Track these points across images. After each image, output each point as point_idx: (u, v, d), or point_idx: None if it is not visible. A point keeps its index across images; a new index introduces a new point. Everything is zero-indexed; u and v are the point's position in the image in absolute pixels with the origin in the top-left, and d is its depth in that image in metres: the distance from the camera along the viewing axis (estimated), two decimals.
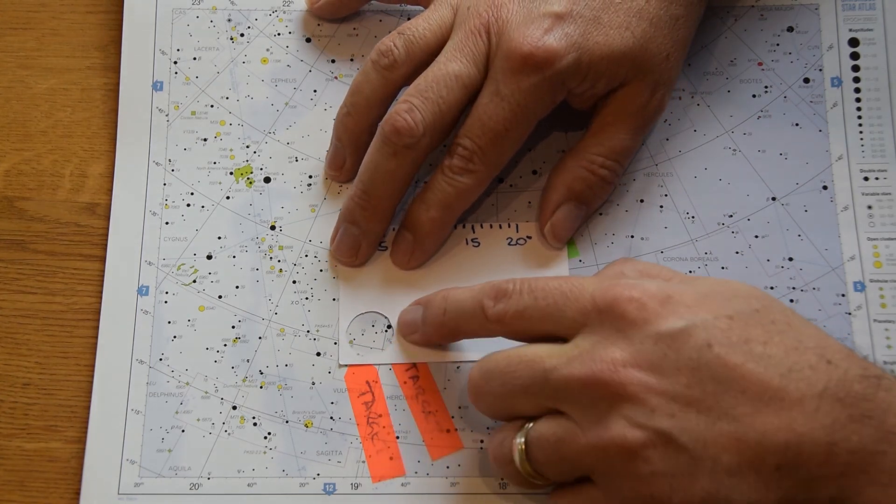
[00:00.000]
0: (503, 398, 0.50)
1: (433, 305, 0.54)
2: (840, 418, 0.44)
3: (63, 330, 0.57)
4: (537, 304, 0.49)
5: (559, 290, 0.49)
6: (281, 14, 0.63)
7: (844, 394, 0.44)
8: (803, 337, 0.46)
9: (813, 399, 0.44)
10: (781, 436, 0.44)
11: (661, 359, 0.45)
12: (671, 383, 0.45)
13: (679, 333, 0.46)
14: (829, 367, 0.45)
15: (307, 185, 0.60)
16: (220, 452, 0.55)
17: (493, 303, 0.50)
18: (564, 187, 0.57)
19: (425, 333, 0.55)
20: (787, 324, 0.46)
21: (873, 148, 0.60)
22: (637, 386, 0.45)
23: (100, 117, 0.62)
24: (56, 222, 0.60)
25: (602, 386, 0.46)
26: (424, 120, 0.54)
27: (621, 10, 0.55)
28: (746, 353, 0.45)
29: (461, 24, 0.56)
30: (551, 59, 0.53)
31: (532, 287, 0.50)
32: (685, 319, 0.46)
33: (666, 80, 0.56)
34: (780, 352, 0.45)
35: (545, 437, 0.48)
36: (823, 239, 0.58)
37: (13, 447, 0.55)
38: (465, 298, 0.52)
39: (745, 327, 0.46)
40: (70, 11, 0.64)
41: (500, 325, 0.51)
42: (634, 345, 0.46)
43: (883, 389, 0.44)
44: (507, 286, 0.50)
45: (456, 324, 0.53)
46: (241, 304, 0.57)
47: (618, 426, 0.45)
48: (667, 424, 0.45)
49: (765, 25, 0.62)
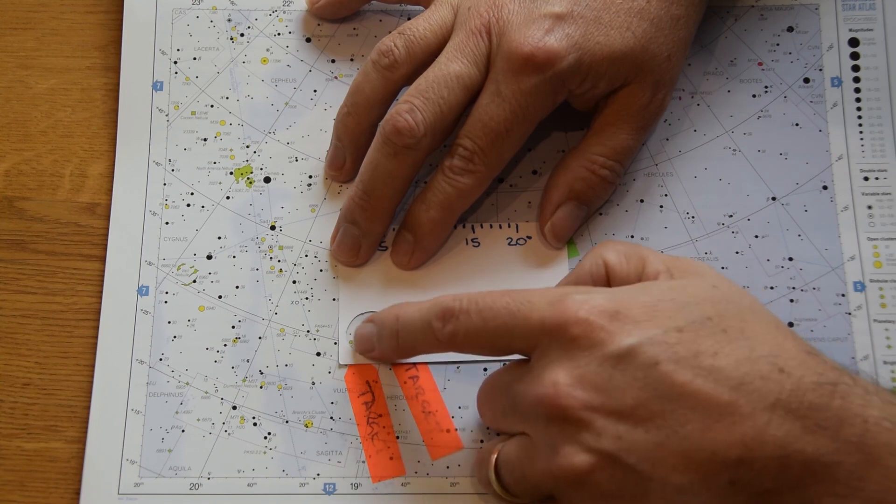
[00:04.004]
0: (496, 421, 0.51)
1: (386, 326, 0.53)
2: (793, 430, 0.43)
3: (63, 330, 0.57)
4: (486, 325, 0.48)
5: (507, 309, 0.48)
6: (281, 14, 0.63)
7: (797, 404, 0.43)
8: (756, 344, 0.45)
9: (764, 412, 0.43)
10: (733, 451, 0.43)
11: (607, 380, 0.45)
12: (617, 404, 0.45)
13: (625, 353, 0.45)
14: (781, 377, 0.44)
15: (307, 185, 0.60)
16: (220, 452, 0.55)
17: (442, 324, 0.50)
18: (565, 187, 0.57)
19: (381, 353, 0.55)
20: (739, 331, 0.45)
21: (873, 148, 0.60)
22: (581, 409, 0.45)
23: (100, 117, 0.62)
24: (56, 222, 0.60)
25: (550, 409, 0.45)
26: (425, 120, 0.54)
27: (622, 10, 0.55)
28: (695, 368, 0.44)
29: (462, 24, 0.56)
30: (552, 60, 0.53)
31: (480, 307, 0.49)
32: (633, 337, 0.45)
33: (667, 81, 0.56)
34: (730, 363, 0.44)
35: (510, 459, 0.48)
36: (823, 239, 0.58)
37: (13, 447, 0.55)
38: (415, 319, 0.51)
39: (695, 339, 0.45)
40: (70, 11, 0.64)
41: (452, 346, 0.50)
42: (580, 367, 0.45)
43: (838, 397, 0.43)
44: (454, 305, 0.49)
45: (410, 344, 0.52)
46: (241, 304, 0.57)
47: (565, 451, 0.45)
48: (613, 447, 0.44)
49: (765, 25, 0.62)
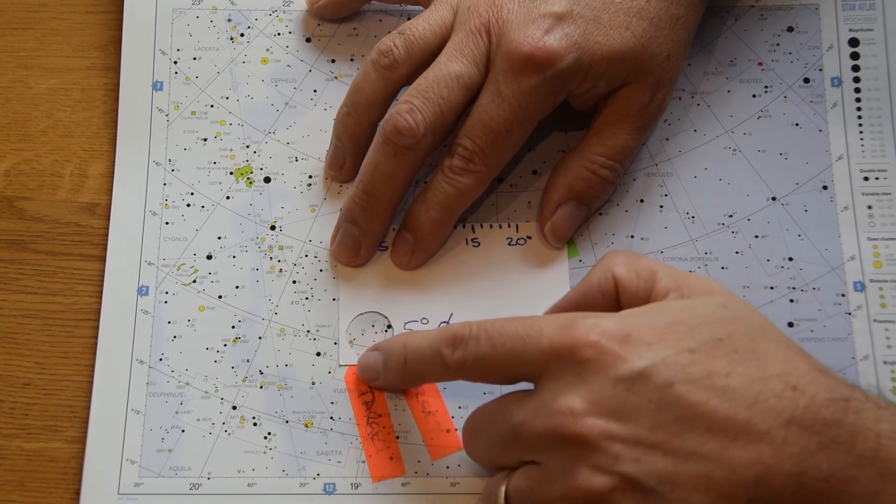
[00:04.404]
0: (487, 453, 0.50)
1: (394, 354, 0.53)
2: (809, 447, 0.43)
3: (63, 330, 0.57)
4: (496, 351, 0.48)
5: (516, 334, 0.48)
6: (281, 14, 0.63)
7: (812, 421, 0.43)
8: (767, 363, 0.45)
9: (780, 429, 0.43)
10: (751, 470, 0.43)
11: (622, 404, 0.45)
12: (633, 428, 0.44)
13: (639, 375, 0.45)
14: (794, 394, 0.44)
15: (307, 185, 0.60)
16: (220, 452, 0.55)
17: (451, 350, 0.49)
18: (565, 187, 0.57)
19: (387, 380, 0.54)
20: (750, 351, 0.45)
21: (873, 148, 0.60)
22: (598, 435, 0.44)
23: (100, 117, 0.62)
24: (56, 222, 0.59)
25: (564, 437, 0.45)
26: (425, 120, 0.54)
27: (621, 10, 0.55)
28: (709, 389, 0.44)
29: (462, 24, 0.56)
30: (552, 60, 0.53)
31: (489, 332, 0.48)
32: (645, 359, 0.45)
33: (667, 80, 0.56)
34: (743, 383, 0.44)
35: (521, 490, 0.48)
36: (823, 239, 0.58)
37: (13, 447, 0.55)
38: (424, 346, 0.51)
39: (707, 360, 0.45)
40: (70, 11, 0.64)
41: (462, 373, 0.50)
42: (594, 391, 0.45)
43: (851, 412, 0.43)
44: (464, 331, 0.49)
45: (418, 372, 0.52)
46: (241, 304, 0.57)
47: (583, 475, 0.45)
48: (632, 469, 0.44)
49: (765, 25, 0.62)
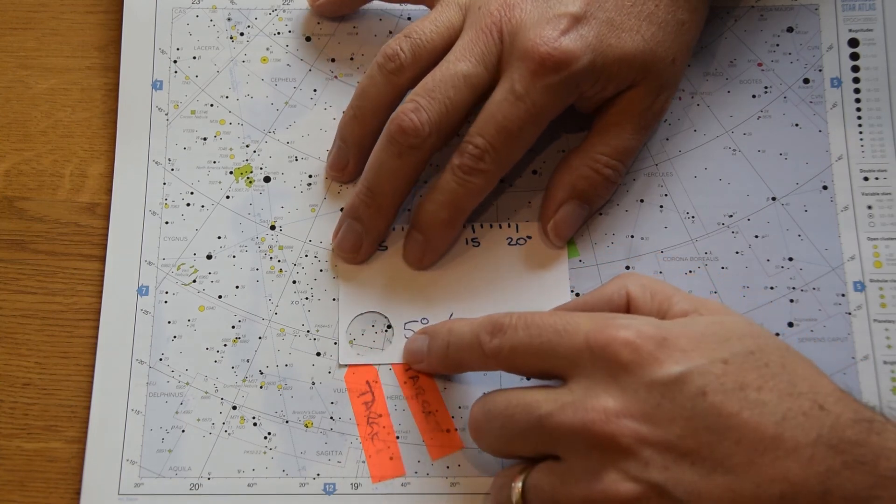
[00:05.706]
0: (502, 440, 0.49)
1: (438, 338, 0.54)
2: (834, 465, 0.43)
3: (63, 330, 0.57)
4: (532, 341, 0.48)
5: (553, 327, 0.48)
6: (281, 13, 0.63)
7: (837, 440, 0.43)
8: (797, 379, 0.45)
9: (807, 447, 0.43)
10: (777, 487, 0.43)
11: (655, 408, 0.45)
12: (665, 434, 0.44)
13: (674, 381, 0.45)
14: (821, 414, 0.44)
15: (307, 185, 0.60)
16: (220, 452, 0.55)
17: (490, 337, 0.50)
18: (568, 185, 0.57)
19: (430, 364, 0.55)
20: (781, 366, 0.46)
21: (873, 148, 0.60)
22: (630, 438, 0.45)
23: (100, 117, 0.62)
24: (56, 222, 0.59)
25: (594, 436, 0.45)
26: (430, 120, 0.54)
27: (632, 13, 0.55)
28: (742, 401, 0.44)
29: (472, 23, 0.56)
30: (568, 61, 0.53)
31: (528, 322, 0.49)
32: (680, 365, 0.45)
33: (670, 84, 0.57)
34: (774, 398, 0.44)
35: (540, 486, 0.47)
36: (823, 239, 0.58)
37: (13, 447, 0.55)
38: (465, 332, 0.52)
39: (739, 372, 0.45)
40: (70, 11, 0.64)
41: (497, 361, 0.50)
42: (628, 393, 0.45)
43: (875, 433, 0.44)
44: (504, 320, 0.50)
45: (458, 357, 0.52)
46: (241, 304, 0.57)
47: (610, 479, 0.45)
48: (661, 477, 0.44)
49: (765, 26, 0.62)
